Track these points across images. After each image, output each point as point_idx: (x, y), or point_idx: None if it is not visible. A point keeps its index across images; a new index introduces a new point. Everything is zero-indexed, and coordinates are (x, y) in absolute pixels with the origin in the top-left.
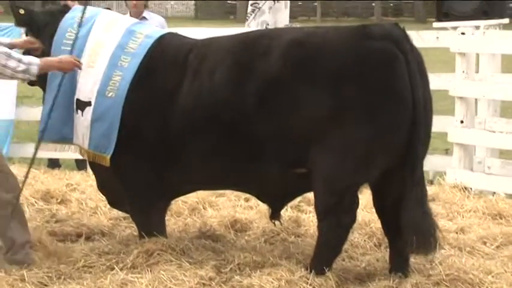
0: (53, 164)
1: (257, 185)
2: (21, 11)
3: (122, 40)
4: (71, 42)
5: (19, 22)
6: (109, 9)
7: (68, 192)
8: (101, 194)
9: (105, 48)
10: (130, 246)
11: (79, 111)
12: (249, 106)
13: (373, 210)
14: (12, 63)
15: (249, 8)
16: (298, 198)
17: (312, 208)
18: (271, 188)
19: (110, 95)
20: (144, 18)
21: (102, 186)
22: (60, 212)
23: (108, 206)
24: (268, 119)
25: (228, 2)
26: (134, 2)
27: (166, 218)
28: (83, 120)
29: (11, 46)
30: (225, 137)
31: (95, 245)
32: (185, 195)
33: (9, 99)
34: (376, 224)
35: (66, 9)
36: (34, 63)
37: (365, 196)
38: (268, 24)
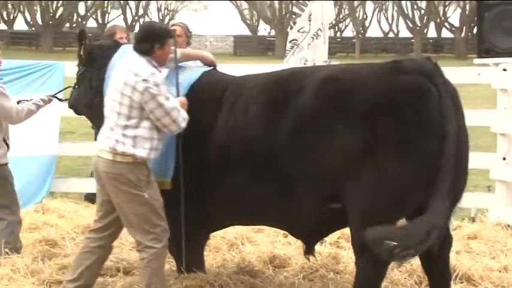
0: (89, 198)
1: (291, 220)
2: (84, 42)
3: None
4: None
5: (83, 52)
6: None
7: None
8: None
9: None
10: (169, 281)
11: None
12: (283, 142)
13: None
14: (180, 120)
15: (288, 45)
16: (337, 234)
17: (351, 244)
18: (306, 224)
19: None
20: None
21: None
22: None
23: None
24: (302, 155)
25: (267, 38)
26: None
27: (205, 253)
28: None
29: (185, 58)
30: (259, 172)
31: (134, 279)
32: (223, 230)
33: (52, 135)
34: (417, 261)
35: (116, 44)
36: (186, 117)
37: None
38: (306, 61)
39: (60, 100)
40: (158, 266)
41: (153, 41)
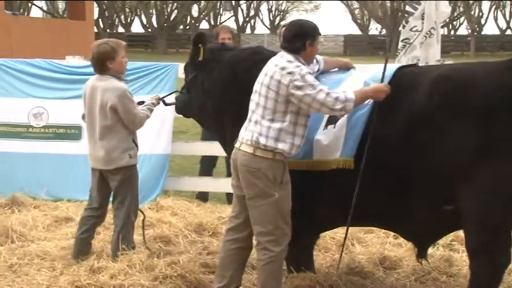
0: (202, 196)
1: (403, 222)
2: (202, 46)
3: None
4: None
5: (202, 56)
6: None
7: (219, 225)
8: None
9: (360, 81)
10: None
11: (329, 126)
12: (395, 142)
13: None
14: (330, 102)
15: (400, 44)
16: (450, 237)
17: (464, 247)
18: (418, 226)
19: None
20: None
21: None
22: (212, 245)
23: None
24: (415, 156)
25: (378, 37)
26: None
27: (315, 253)
28: (336, 131)
29: None
30: (371, 173)
31: (245, 277)
32: (333, 231)
33: (165, 135)
34: None
35: (224, 47)
36: (350, 99)
37: None
38: (419, 60)
39: (166, 104)
40: (274, 269)
41: (305, 38)
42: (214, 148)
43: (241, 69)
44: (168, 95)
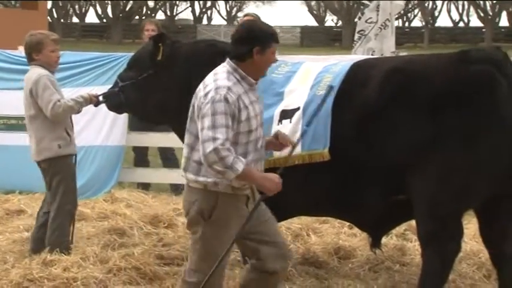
0: (143, 187)
1: (356, 212)
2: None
3: (326, 67)
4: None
5: (158, 55)
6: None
7: (175, 217)
8: None
9: (312, 73)
10: (234, 271)
11: (284, 120)
12: (348, 134)
13: None
14: (211, 158)
15: (356, 36)
16: (404, 226)
17: (417, 236)
18: (371, 216)
19: (319, 93)
20: None
21: None
22: (167, 236)
23: None
24: (366, 147)
25: (334, 29)
26: None
27: None
28: (293, 126)
29: None
30: (323, 164)
31: None
32: (288, 221)
33: (120, 126)
34: (486, 254)
35: (177, 41)
36: (236, 169)
37: (474, 225)
38: (374, 51)
39: (96, 105)
40: None
41: (252, 43)
42: (171, 139)
43: (195, 64)
44: (103, 94)
